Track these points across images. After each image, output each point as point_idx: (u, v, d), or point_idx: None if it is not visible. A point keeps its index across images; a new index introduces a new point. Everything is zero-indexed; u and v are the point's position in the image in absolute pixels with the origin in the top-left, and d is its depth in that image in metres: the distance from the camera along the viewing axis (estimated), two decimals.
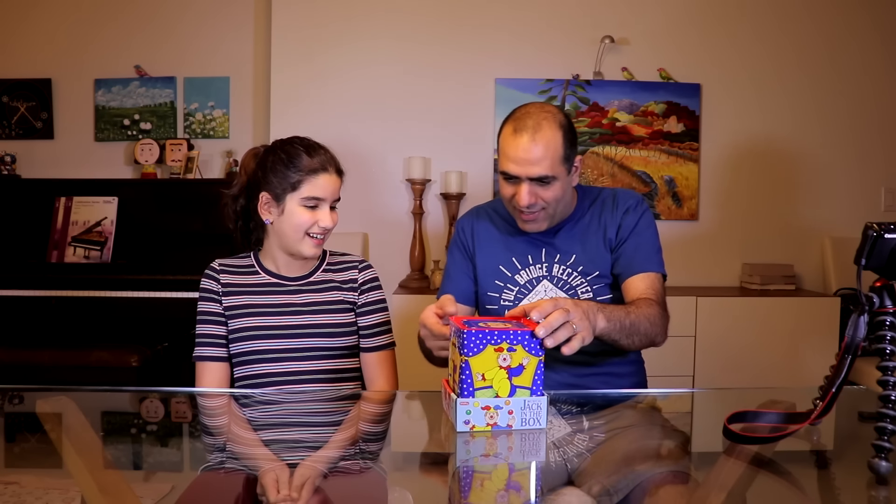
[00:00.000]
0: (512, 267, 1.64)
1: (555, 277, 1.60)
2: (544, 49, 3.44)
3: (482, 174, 3.45)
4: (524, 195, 1.51)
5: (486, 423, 1.11)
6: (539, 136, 1.48)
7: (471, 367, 1.10)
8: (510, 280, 1.63)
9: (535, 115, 1.50)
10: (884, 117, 3.51)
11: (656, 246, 1.62)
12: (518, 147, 1.49)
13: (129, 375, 2.70)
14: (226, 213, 1.62)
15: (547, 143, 1.48)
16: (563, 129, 1.51)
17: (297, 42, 3.41)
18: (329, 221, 1.52)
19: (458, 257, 1.72)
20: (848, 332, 1.01)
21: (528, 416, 1.13)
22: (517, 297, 1.61)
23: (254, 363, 1.53)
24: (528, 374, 1.12)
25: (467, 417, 1.11)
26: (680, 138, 3.45)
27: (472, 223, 1.73)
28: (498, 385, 1.11)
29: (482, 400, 1.10)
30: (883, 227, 0.97)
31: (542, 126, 1.49)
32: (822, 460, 1.12)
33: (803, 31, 3.48)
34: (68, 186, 3.22)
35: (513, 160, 1.50)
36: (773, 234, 3.51)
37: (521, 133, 1.49)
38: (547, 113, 1.52)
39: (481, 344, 1.10)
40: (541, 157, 1.48)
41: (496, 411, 1.11)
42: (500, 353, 1.11)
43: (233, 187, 1.61)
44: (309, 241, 1.53)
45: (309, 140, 1.56)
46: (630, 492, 0.92)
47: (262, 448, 1.14)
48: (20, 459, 1.10)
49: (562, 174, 1.52)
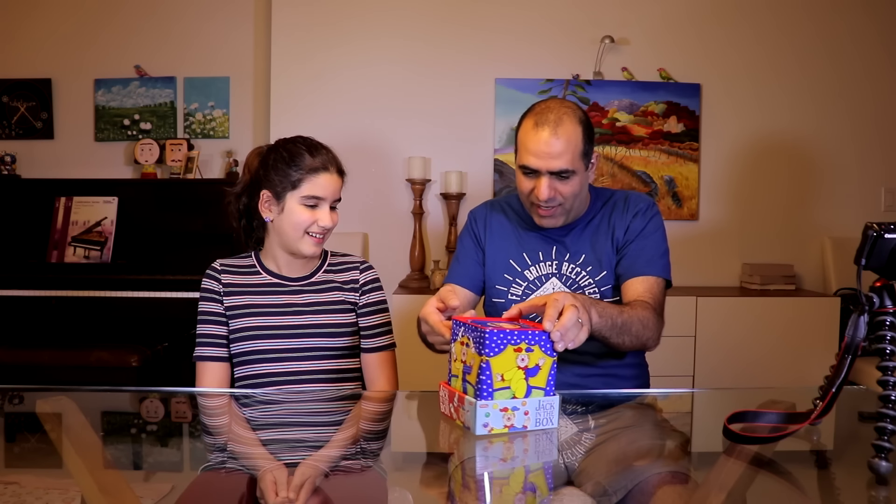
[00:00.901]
0: (522, 262, 1.64)
1: (563, 276, 1.61)
2: (544, 49, 3.44)
3: (482, 174, 3.45)
4: (544, 189, 1.51)
5: (504, 424, 1.09)
6: (561, 131, 1.49)
7: (492, 367, 1.08)
8: (519, 275, 1.63)
9: (557, 110, 1.51)
10: (884, 117, 3.51)
11: (661, 250, 1.60)
12: (539, 141, 1.50)
13: (129, 375, 2.70)
14: (229, 211, 1.63)
15: (568, 137, 1.49)
16: (583, 124, 1.53)
17: (298, 41, 3.41)
18: (328, 221, 1.52)
19: (470, 245, 1.72)
20: (848, 332, 1.01)
21: (542, 416, 1.13)
22: (525, 292, 1.62)
23: (255, 363, 1.53)
24: (543, 374, 1.12)
25: (486, 420, 1.08)
26: (680, 138, 3.45)
27: (486, 214, 1.73)
28: (516, 386, 1.10)
29: (501, 402, 1.09)
30: (883, 227, 0.97)
31: (564, 120, 1.50)
32: (822, 460, 1.12)
33: (803, 31, 3.48)
34: (68, 186, 3.22)
35: (534, 153, 1.51)
36: (773, 234, 3.51)
37: (543, 127, 1.50)
38: (567, 108, 1.53)
39: (502, 344, 1.08)
40: (562, 150, 1.49)
41: (513, 412, 1.10)
42: (519, 354, 1.10)
43: (236, 185, 1.62)
44: (308, 240, 1.52)
45: (312, 140, 1.56)
46: (630, 492, 0.92)
47: (262, 448, 1.14)
48: (20, 459, 1.10)
49: (580, 169, 1.53)
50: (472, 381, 1.10)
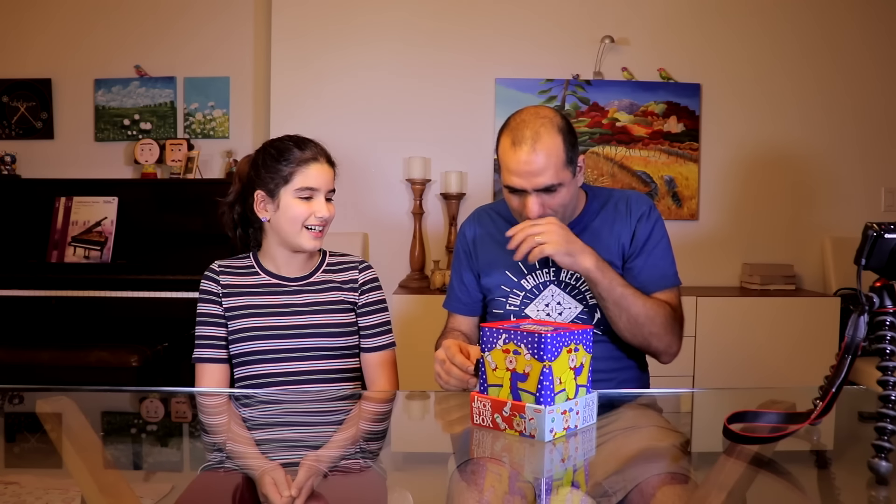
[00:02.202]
0: (518, 271, 1.59)
1: (562, 282, 1.57)
2: (544, 49, 3.44)
3: (482, 174, 3.45)
4: (533, 207, 1.45)
5: (563, 427, 1.09)
6: (539, 146, 1.42)
7: (553, 372, 1.07)
8: (516, 285, 1.59)
9: (532, 123, 1.44)
10: (884, 117, 3.51)
11: (670, 258, 1.59)
12: (519, 160, 1.43)
13: (129, 375, 2.70)
14: (224, 220, 1.63)
15: (548, 151, 1.42)
16: (563, 132, 1.46)
17: (298, 42, 3.41)
18: (325, 212, 1.51)
19: (462, 265, 1.69)
20: (848, 332, 1.01)
21: (586, 413, 1.14)
22: (523, 301, 1.58)
23: (254, 363, 1.53)
24: (585, 372, 1.13)
25: (552, 426, 1.07)
26: (680, 138, 3.45)
27: (473, 229, 1.69)
28: (569, 387, 1.10)
29: (560, 405, 1.08)
30: (883, 227, 0.97)
31: (541, 134, 1.43)
32: (822, 460, 1.12)
33: (803, 31, 3.48)
34: (68, 186, 3.22)
35: (515, 174, 1.44)
36: (773, 234, 3.51)
37: (521, 145, 1.43)
38: (543, 119, 1.45)
39: (559, 347, 1.08)
40: (543, 166, 1.42)
41: (569, 414, 1.10)
42: (570, 354, 1.10)
43: (228, 195, 1.61)
44: (307, 234, 1.51)
45: (298, 136, 1.57)
46: (630, 492, 0.91)
47: (261, 448, 1.14)
48: (20, 459, 1.10)
49: (567, 179, 1.47)
50: (529, 389, 1.08)
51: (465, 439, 1.16)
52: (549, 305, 1.56)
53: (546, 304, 1.56)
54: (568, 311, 1.55)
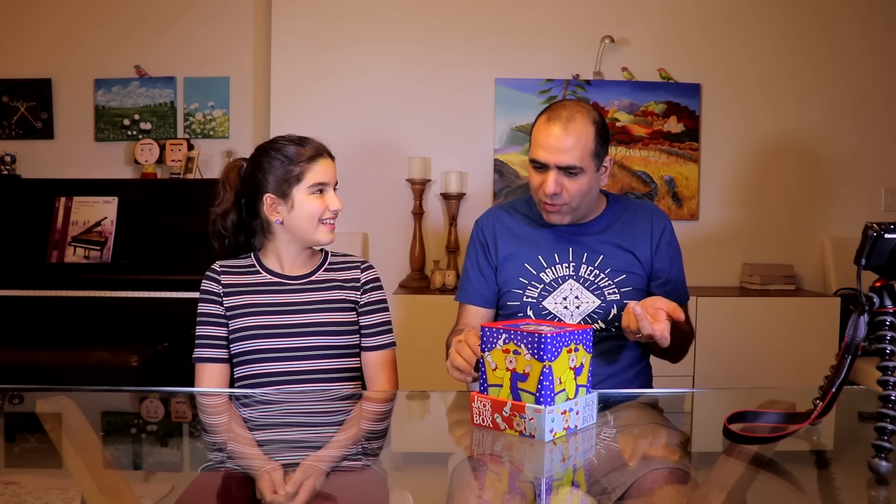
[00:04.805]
0: (538, 265, 1.62)
1: (581, 277, 1.60)
2: (544, 49, 3.44)
3: (482, 174, 3.45)
4: (551, 183, 1.52)
5: (563, 427, 1.10)
6: (571, 127, 1.50)
7: (553, 372, 1.07)
8: (535, 278, 1.61)
9: (570, 108, 1.54)
10: (884, 117, 3.51)
11: (683, 275, 1.69)
12: (549, 135, 1.51)
13: (129, 375, 2.69)
14: (213, 230, 1.61)
15: (578, 133, 1.51)
16: (596, 124, 1.54)
17: (297, 42, 3.41)
18: (338, 203, 1.56)
19: (478, 257, 1.70)
20: (848, 332, 1.01)
21: (587, 413, 1.14)
22: (541, 294, 1.60)
23: (255, 363, 1.53)
24: (585, 372, 1.13)
25: (552, 426, 1.07)
26: (680, 138, 3.45)
27: (493, 221, 1.72)
28: (569, 387, 1.11)
29: (560, 405, 1.09)
30: (883, 227, 0.97)
31: (576, 118, 1.52)
32: (822, 460, 1.12)
33: (803, 31, 3.48)
34: (68, 186, 3.22)
35: (543, 147, 1.53)
36: (773, 234, 3.51)
37: (555, 122, 1.52)
38: (582, 108, 1.55)
39: (559, 347, 1.08)
40: (571, 146, 1.50)
41: (569, 413, 1.10)
42: (570, 354, 1.10)
43: (218, 205, 1.59)
44: (324, 228, 1.56)
45: (291, 135, 1.59)
46: (630, 491, 0.92)
47: (261, 448, 1.14)
48: (20, 459, 1.10)
49: (590, 168, 1.53)
50: (529, 389, 1.08)
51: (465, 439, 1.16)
52: (567, 299, 1.59)
53: (564, 298, 1.59)
54: (585, 305, 1.58)
